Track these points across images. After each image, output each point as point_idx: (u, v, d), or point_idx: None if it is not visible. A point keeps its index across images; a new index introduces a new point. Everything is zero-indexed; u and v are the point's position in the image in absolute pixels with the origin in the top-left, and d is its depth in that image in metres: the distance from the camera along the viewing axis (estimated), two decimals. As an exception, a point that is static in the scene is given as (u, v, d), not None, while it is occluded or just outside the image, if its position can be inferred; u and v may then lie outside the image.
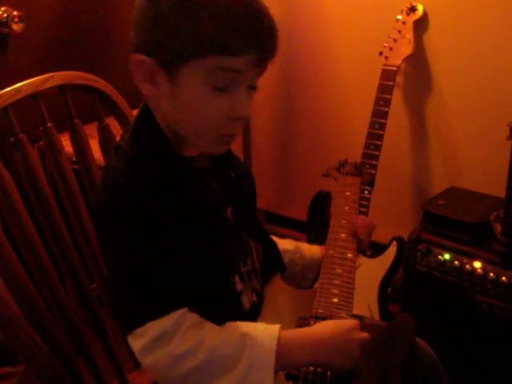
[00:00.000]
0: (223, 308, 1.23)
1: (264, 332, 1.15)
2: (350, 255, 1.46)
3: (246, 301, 1.29)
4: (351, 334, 1.19)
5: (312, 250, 1.56)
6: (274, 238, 1.52)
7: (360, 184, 1.75)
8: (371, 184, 1.89)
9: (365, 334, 1.21)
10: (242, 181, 1.39)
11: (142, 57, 1.14)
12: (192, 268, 1.16)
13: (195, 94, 1.14)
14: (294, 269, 1.53)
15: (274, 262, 1.44)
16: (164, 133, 1.20)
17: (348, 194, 1.66)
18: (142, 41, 1.14)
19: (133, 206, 1.14)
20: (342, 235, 1.51)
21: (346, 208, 1.58)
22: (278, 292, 1.38)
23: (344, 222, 1.54)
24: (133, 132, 1.23)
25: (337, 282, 1.38)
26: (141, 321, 1.12)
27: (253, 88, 1.19)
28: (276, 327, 1.15)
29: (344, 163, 1.82)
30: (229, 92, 1.14)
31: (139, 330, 1.12)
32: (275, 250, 1.47)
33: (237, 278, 1.26)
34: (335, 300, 1.33)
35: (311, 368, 1.22)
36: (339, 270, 1.41)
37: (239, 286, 1.27)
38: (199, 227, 1.20)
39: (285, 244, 1.55)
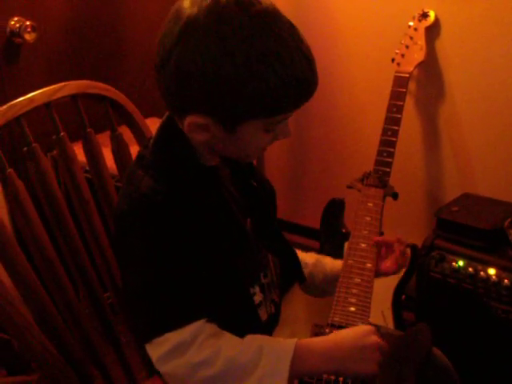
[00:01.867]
0: (241, 319, 1.24)
1: (281, 343, 1.16)
2: (369, 265, 1.46)
3: (264, 312, 1.30)
4: (367, 339, 1.18)
5: (334, 264, 1.55)
6: (297, 251, 1.52)
7: (383, 196, 1.76)
8: (395, 196, 1.89)
9: (380, 340, 1.20)
10: (262, 190, 1.39)
11: (201, 119, 1.13)
12: (212, 279, 1.17)
13: (250, 140, 1.18)
14: (314, 282, 1.53)
15: (293, 271, 1.44)
16: (190, 144, 1.20)
17: (370, 205, 1.68)
18: (197, 102, 1.11)
19: (156, 218, 1.15)
20: (362, 245, 1.51)
21: (368, 219, 1.59)
22: (296, 301, 1.38)
23: (365, 232, 1.54)
24: (157, 143, 1.23)
25: (354, 291, 1.38)
26: (160, 331, 1.13)
27: None
28: (293, 339, 1.16)
29: (368, 175, 1.83)
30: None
31: (158, 340, 1.13)
32: (295, 260, 1.47)
33: (257, 289, 1.28)
34: (352, 309, 1.33)
35: (324, 375, 1.22)
36: (357, 280, 1.41)
37: (259, 297, 1.28)
38: (221, 238, 1.21)
39: (306, 257, 1.54)
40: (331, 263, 1.55)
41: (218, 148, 1.20)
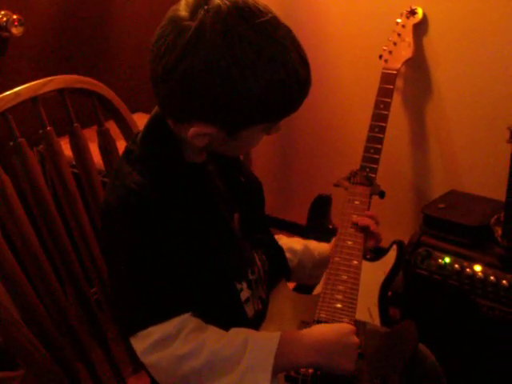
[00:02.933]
0: (227, 314, 1.25)
1: (266, 336, 1.18)
2: (355, 262, 1.46)
3: (251, 308, 1.30)
4: (350, 338, 1.20)
5: (321, 249, 1.57)
6: (283, 237, 1.54)
7: (369, 194, 1.77)
8: (381, 194, 1.90)
9: (359, 340, 1.22)
10: (249, 185, 1.40)
11: (206, 128, 1.13)
12: (197, 274, 1.18)
13: (251, 141, 1.21)
14: (304, 269, 1.55)
15: (279, 268, 1.45)
16: (177, 141, 1.20)
17: (357, 203, 1.69)
18: (204, 112, 1.12)
19: (142, 213, 1.15)
20: (349, 243, 1.51)
21: (355, 217, 1.59)
22: (282, 297, 1.39)
23: (352, 230, 1.55)
24: (145, 138, 1.23)
25: (341, 287, 1.38)
26: (145, 324, 1.14)
27: None
28: (278, 332, 1.17)
29: (355, 174, 1.84)
30: None
31: (143, 333, 1.14)
32: (281, 257, 1.47)
33: (245, 285, 1.28)
34: (338, 305, 1.33)
35: (310, 370, 1.22)
36: (344, 277, 1.42)
37: (247, 293, 1.29)
38: (207, 234, 1.22)
39: (293, 243, 1.56)
40: (318, 248, 1.57)
41: (213, 148, 1.21)
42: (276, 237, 1.53)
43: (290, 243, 1.55)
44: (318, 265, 1.55)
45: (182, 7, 1.10)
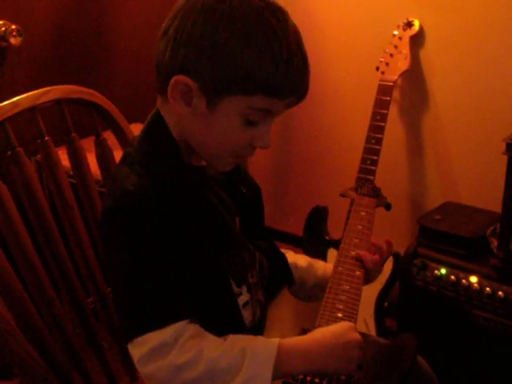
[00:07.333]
0: (225, 320, 1.24)
1: (263, 344, 1.16)
2: (358, 273, 1.46)
3: (250, 313, 1.28)
4: (348, 336, 1.18)
5: (326, 269, 1.54)
6: (290, 252, 1.52)
7: (376, 205, 1.77)
8: (388, 206, 1.90)
9: (360, 336, 1.20)
10: (250, 193, 1.39)
11: (188, 80, 1.13)
12: (195, 278, 1.17)
13: (228, 125, 1.16)
14: (304, 286, 1.52)
15: (281, 274, 1.44)
16: (176, 142, 1.20)
17: (363, 214, 1.68)
18: (188, 64, 1.12)
19: (139, 214, 1.14)
20: (353, 253, 1.51)
21: (360, 227, 1.59)
22: (284, 304, 1.38)
23: (356, 240, 1.54)
24: (143, 140, 1.23)
25: (343, 297, 1.38)
26: (141, 330, 1.11)
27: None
28: (276, 339, 1.16)
29: (362, 184, 1.84)
30: (257, 125, 1.18)
31: (139, 339, 1.11)
32: (283, 263, 1.46)
33: (245, 289, 1.26)
34: (339, 315, 1.33)
35: (308, 378, 1.22)
36: (346, 287, 1.41)
37: (246, 297, 1.27)
38: (206, 237, 1.21)
39: (298, 259, 1.53)
40: (323, 268, 1.54)
41: (193, 132, 1.19)
42: (283, 251, 1.52)
43: (294, 258, 1.52)
44: (320, 284, 1.52)
45: None
